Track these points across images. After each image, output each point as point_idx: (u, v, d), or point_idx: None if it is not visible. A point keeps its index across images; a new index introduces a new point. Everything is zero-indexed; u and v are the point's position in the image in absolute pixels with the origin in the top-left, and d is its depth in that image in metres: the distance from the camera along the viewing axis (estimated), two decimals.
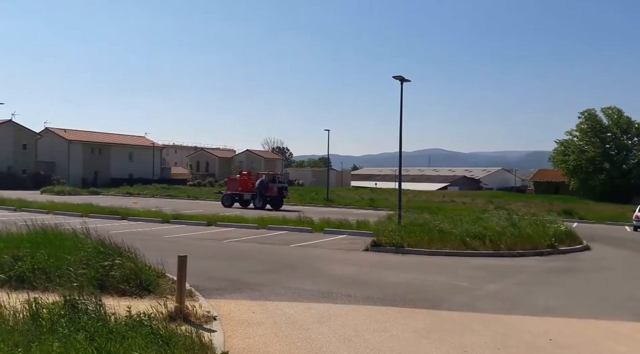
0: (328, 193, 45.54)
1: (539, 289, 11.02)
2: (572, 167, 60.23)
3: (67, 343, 5.33)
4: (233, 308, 8.42)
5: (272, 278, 11.11)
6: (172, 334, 6.01)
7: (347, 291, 9.91)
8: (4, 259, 9.21)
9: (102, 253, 9.46)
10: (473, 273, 12.52)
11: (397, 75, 19.95)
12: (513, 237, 16.20)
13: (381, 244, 15.78)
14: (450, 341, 7.11)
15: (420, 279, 11.56)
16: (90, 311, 6.48)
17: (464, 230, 16.64)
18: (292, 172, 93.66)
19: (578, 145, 61.35)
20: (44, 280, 8.67)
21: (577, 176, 60.71)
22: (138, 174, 70.73)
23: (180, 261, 7.55)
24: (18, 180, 56.63)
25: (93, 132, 74.59)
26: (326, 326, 7.57)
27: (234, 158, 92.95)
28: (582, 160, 59.45)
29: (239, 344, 6.64)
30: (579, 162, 59.65)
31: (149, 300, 8.19)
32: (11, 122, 61.28)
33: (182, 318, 7.07)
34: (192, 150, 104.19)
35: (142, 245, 10.39)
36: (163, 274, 9.66)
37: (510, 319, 8.40)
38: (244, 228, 20.80)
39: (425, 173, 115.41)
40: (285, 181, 38.73)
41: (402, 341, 7.04)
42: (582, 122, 61.98)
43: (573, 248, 17.05)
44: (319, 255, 14.63)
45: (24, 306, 6.50)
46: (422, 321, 8.13)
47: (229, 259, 13.56)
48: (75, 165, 66.15)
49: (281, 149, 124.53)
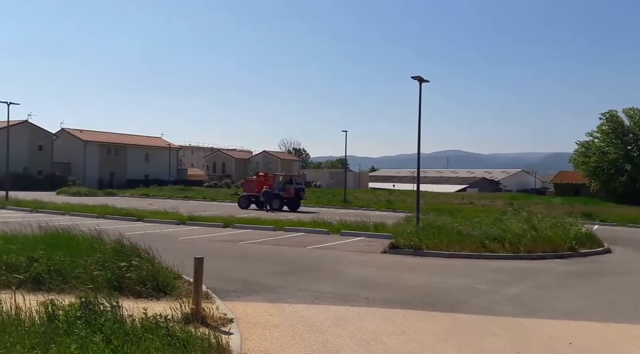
0: (345, 195, 45.37)
1: (559, 292, 10.81)
2: (593, 168, 59.24)
3: (84, 345, 5.32)
4: (250, 310, 8.38)
5: (288, 280, 11.05)
6: (189, 337, 5.99)
7: (365, 294, 9.81)
8: (20, 260, 9.25)
9: (118, 253, 9.50)
10: (492, 275, 12.33)
11: (415, 76, 19.76)
12: (533, 239, 15.92)
13: (399, 246, 15.63)
14: (469, 345, 6.99)
15: (439, 282, 11.41)
16: (107, 313, 6.48)
17: (482, 232, 16.41)
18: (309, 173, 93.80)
19: (599, 146, 60.31)
20: (59, 281, 8.69)
21: (598, 178, 59.69)
22: (154, 175, 71.09)
23: (196, 263, 7.52)
24: (34, 181, 56.96)
25: (109, 132, 75.02)
26: (343, 329, 7.49)
27: (250, 159, 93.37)
28: (603, 161, 58.44)
29: (256, 346, 6.59)
30: (600, 164, 58.66)
31: (165, 302, 8.20)
32: (27, 123, 61.54)
33: (199, 320, 7.03)
34: (209, 151, 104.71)
35: (158, 247, 10.40)
36: (179, 276, 9.65)
37: (530, 322, 8.23)
38: (261, 230, 20.79)
39: (443, 175, 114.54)
40: (302, 183, 38.69)
41: (420, 345, 6.94)
42: (603, 123, 60.95)
43: (594, 251, 16.71)
44: (336, 257, 14.55)
45: (40, 307, 6.51)
46: (441, 324, 8.01)
47: (246, 261, 13.54)
48: (91, 166, 66.63)
49: (298, 150, 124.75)
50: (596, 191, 60.45)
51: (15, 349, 5.19)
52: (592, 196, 59.11)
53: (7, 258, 9.29)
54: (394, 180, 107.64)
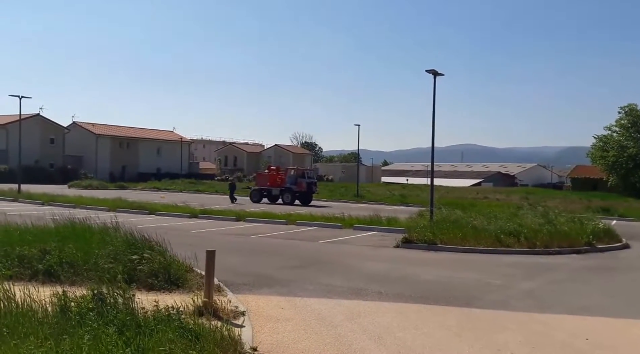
0: (358, 189, 45.18)
1: (575, 287, 10.65)
2: (612, 163, 58.29)
3: (97, 336, 5.33)
4: (261, 303, 8.35)
5: (300, 274, 11.01)
6: (201, 329, 5.99)
7: (378, 288, 9.73)
8: (33, 253, 9.31)
9: (130, 246, 9.51)
10: (507, 271, 12.17)
11: (430, 69, 19.54)
12: (549, 234, 15.66)
13: (412, 241, 15.50)
14: (484, 340, 6.88)
15: (453, 276, 11.28)
16: (119, 305, 6.49)
17: (498, 227, 16.18)
18: (321, 167, 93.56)
19: (618, 140, 59.32)
20: (71, 273, 8.75)
21: (617, 172, 58.73)
22: (166, 169, 71.26)
23: (208, 256, 7.51)
24: (46, 174, 57.27)
25: (121, 126, 75.49)
26: (356, 323, 7.42)
27: (262, 153, 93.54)
28: (622, 156, 57.45)
29: (268, 339, 6.56)
30: (619, 158, 57.68)
31: (177, 295, 8.20)
32: (39, 116, 61.91)
33: (211, 313, 7.01)
34: (220, 144, 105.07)
35: (170, 240, 10.41)
36: (191, 269, 9.65)
37: (545, 318, 8.09)
38: (273, 224, 20.79)
39: (458, 169, 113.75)
40: (314, 177, 38.61)
41: (434, 339, 6.85)
42: (622, 117, 59.95)
43: (612, 246, 16.42)
44: (349, 252, 14.47)
45: (53, 299, 6.53)
46: (455, 319, 7.91)
47: (257, 254, 13.52)
48: (103, 160, 66.98)
49: (310, 144, 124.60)
50: (614, 186, 59.54)
51: (28, 339, 5.21)
52: (610, 191, 58.26)
53: (20, 250, 9.36)
54: (408, 174, 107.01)
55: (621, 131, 59.84)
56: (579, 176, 75.14)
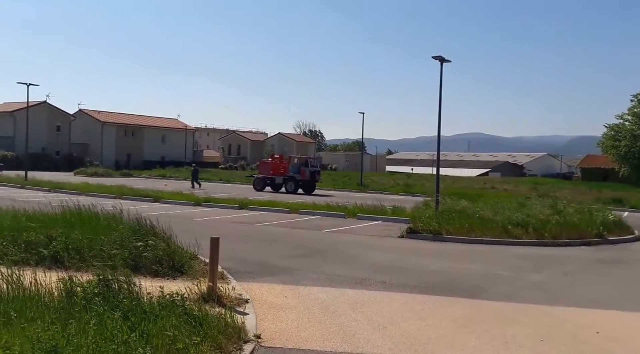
0: (362, 178, 45.02)
1: (585, 280, 10.53)
2: (624, 152, 57.03)
3: (103, 321, 5.38)
4: (265, 291, 8.30)
5: (304, 262, 10.95)
6: (205, 316, 6.02)
7: (382, 278, 9.65)
8: (39, 238, 9.35)
9: (135, 233, 9.50)
10: (515, 262, 12.04)
11: (436, 55, 19.27)
12: (558, 225, 15.42)
13: (417, 231, 15.36)
14: (491, 332, 6.79)
15: (459, 267, 11.17)
16: (124, 291, 6.52)
17: (505, 218, 15.99)
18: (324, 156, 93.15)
19: (630, 129, 57.82)
20: (77, 259, 8.79)
21: (629, 162, 57.37)
22: (170, 157, 71.45)
23: (212, 243, 7.45)
24: (52, 161, 57.90)
25: (126, 114, 75.63)
26: (360, 313, 7.36)
27: (265, 141, 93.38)
28: (635, 145, 56.15)
29: (271, 327, 6.52)
30: (631, 148, 56.34)
31: (181, 282, 8.18)
32: (45, 104, 62.29)
33: (215, 300, 7.00)
34: (224, 133, 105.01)
35: (174, 227, 10.38)
36: (195, 256, 9.64)
37: (554, 310, 7.99)
38: (276, 212, 20.73)
39: (464, 159, 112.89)
40: (317, 166, 38.49)
41: (439, 330, 6.76)
42: (635, 105, 58.55)
43: (623, 238, 16.18)
44: (352, 241, 14.39)
45: (59, 284, 6.55)
46: (461, 310, 7.82)
47: (261, 242, 13.47)
48: (108, 147, 67.42)
49: (314, 132, 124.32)
50: (626, 177, 58.26)
51: (35, 323, 5.26)
52: (622, 182, 57.11)
53: (26, 236, 9.40)
54: (413, 164, 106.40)
55: (634, 120, 58.28)
56: (589, 166, 74.00)
